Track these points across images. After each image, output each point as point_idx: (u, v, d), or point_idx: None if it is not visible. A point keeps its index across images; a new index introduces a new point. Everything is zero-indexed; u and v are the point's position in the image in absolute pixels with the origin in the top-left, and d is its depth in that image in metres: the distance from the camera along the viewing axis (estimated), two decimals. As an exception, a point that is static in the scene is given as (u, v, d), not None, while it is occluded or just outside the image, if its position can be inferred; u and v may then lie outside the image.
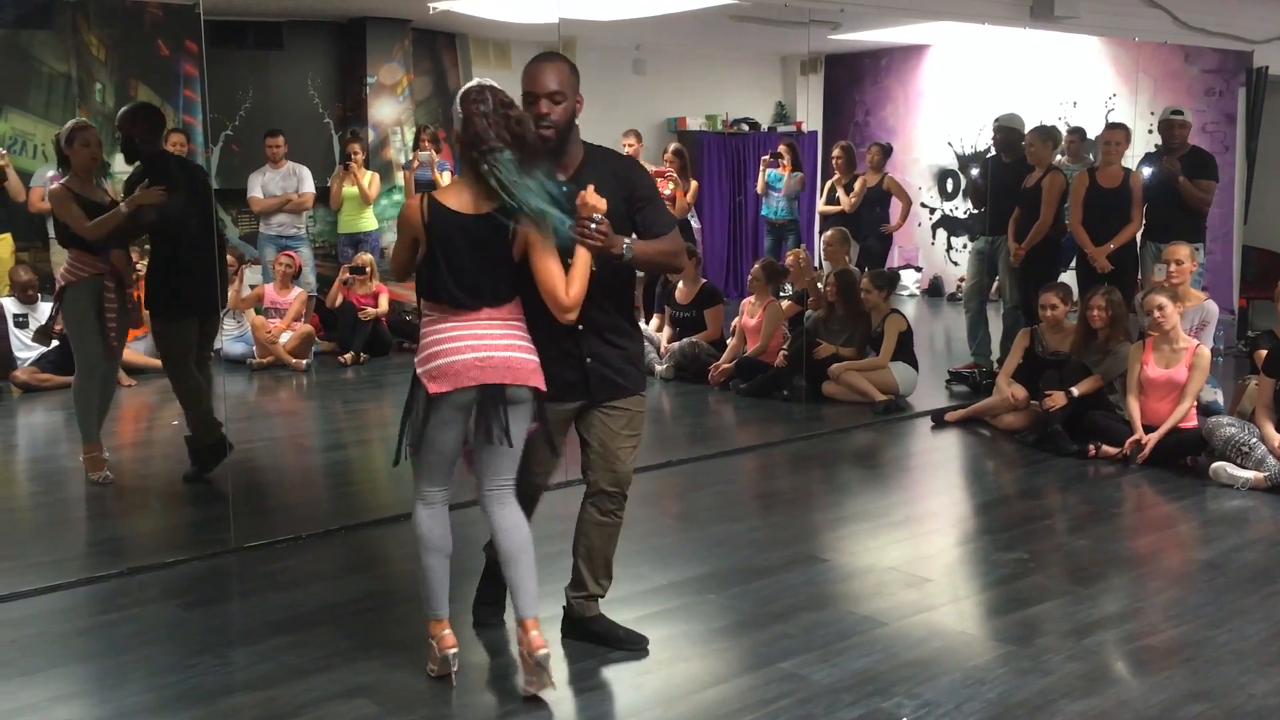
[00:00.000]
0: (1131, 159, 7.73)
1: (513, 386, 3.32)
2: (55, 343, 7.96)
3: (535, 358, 3.38)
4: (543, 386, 3.37)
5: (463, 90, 3.30)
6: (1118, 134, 7.46)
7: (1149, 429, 5.92)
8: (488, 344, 3.30)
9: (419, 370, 3.36)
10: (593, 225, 3.24)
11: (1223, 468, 5.55)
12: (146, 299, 5.56)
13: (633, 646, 3.71)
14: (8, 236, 8.41)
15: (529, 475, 3.57)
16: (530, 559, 3.44)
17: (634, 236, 3.41)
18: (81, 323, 5.40)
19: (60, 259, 8.46)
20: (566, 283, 3.28)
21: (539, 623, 3.39)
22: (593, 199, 3.26)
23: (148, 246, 5.70)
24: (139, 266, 5.86)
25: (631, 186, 3.48)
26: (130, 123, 5.48)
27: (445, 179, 8.81)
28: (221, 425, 5.63)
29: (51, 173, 8.50)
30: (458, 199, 3.32)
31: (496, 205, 3.26)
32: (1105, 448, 6.03)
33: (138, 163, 5.54)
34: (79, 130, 5.48)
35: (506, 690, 3.49)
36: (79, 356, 5.48)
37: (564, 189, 3.29)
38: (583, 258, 3.29)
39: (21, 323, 7.91)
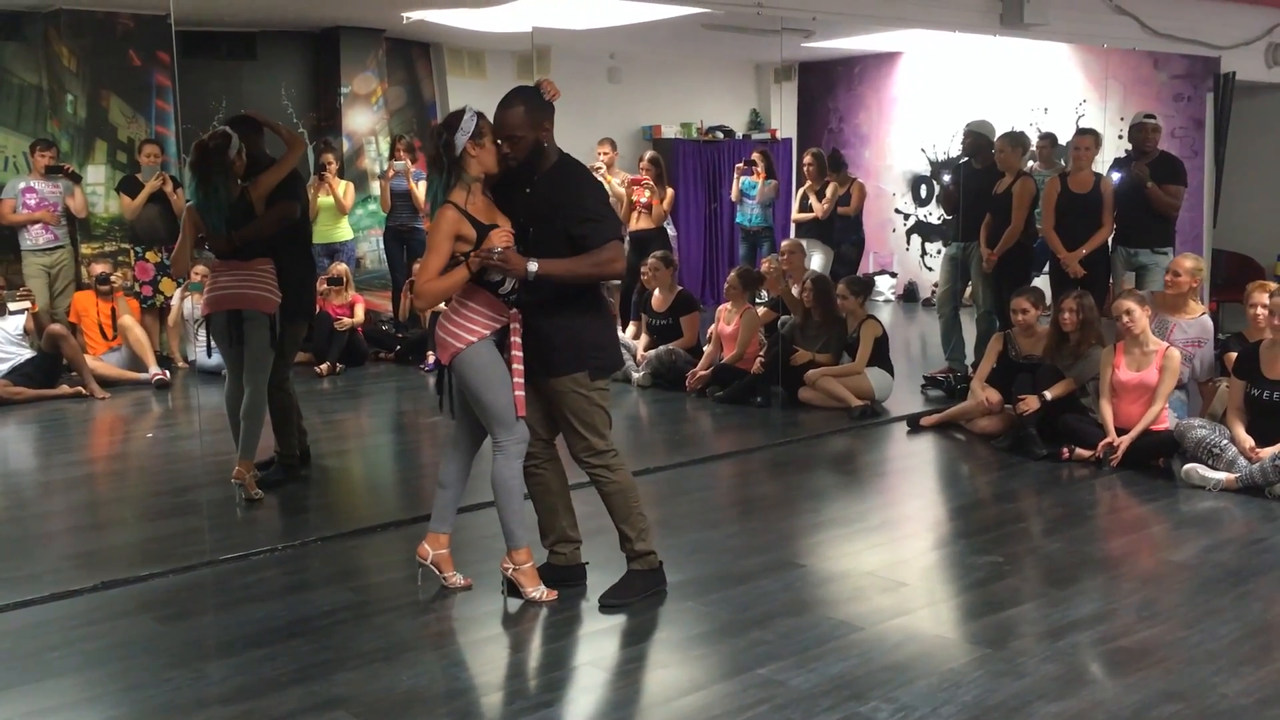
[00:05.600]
0: (1101, 164, 7.80)
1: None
2: (30, 354, 7.91)
3: (450, 335, 3.95)
4: (443, 359, 4.02)
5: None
6: (1087, 139, 7.53)
7: (1121, 431, 5.97)
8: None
9: None
10: (495, 256, 3.81)
11: (1194, 469, 5.60)
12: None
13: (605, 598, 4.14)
14: (-21, 249, 8.36)
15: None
16: (497, 503, 4.10)
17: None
18: (273, 334, 5.35)
19: (33, 268, 8.46)
20: (427, 279, 3.88)
21: (513, 553, 4.13)
22: (495, 238, 3.85)
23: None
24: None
25: (575, 204, 3.92)
26: (245, 131, 5.38)
27: (421, 189, 8.81)
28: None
29: (24, 184, 8.47)
30: None
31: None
32: (1078, 450, 6.08)
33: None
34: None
35: (485, 698, 3.48)
36: (265, 372, 5.35)
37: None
38: (455, 270, 3.88)
39: (-9, 335, 7.84)
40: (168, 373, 8.37)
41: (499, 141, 3.94)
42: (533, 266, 3.82)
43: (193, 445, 6.39)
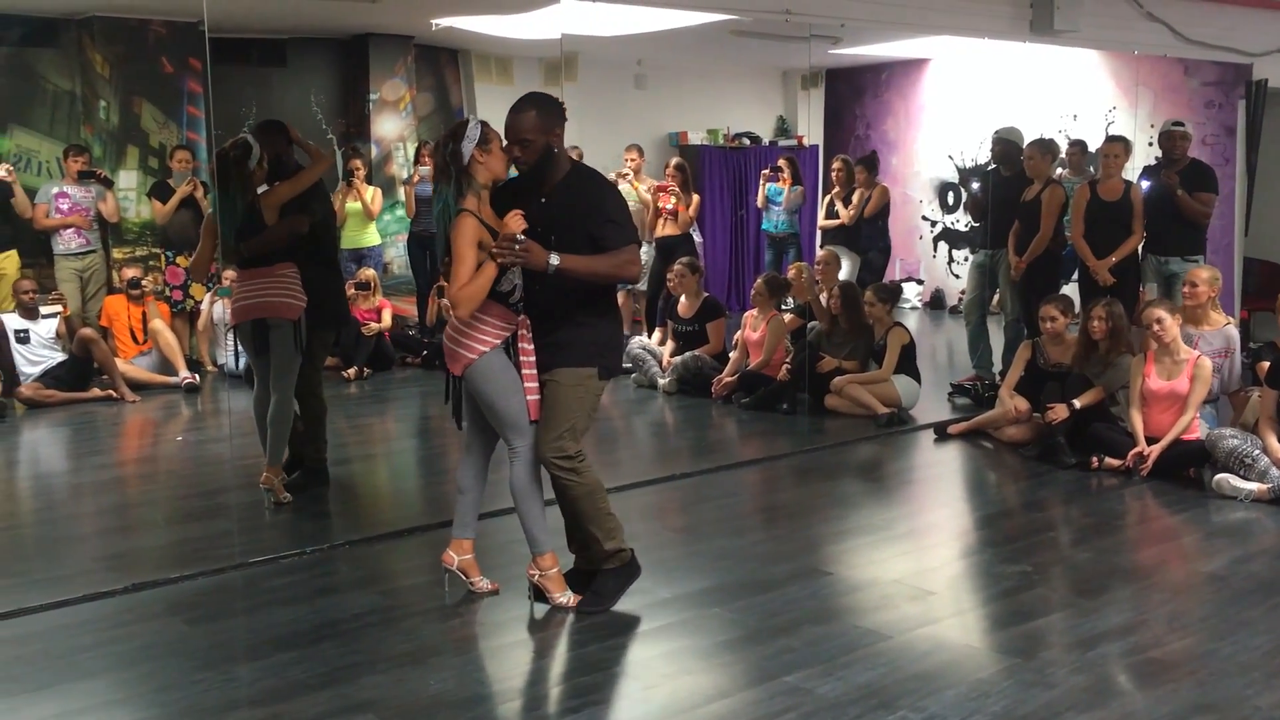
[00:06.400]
0: (1131, 171, 7.75)
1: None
2: (62, 357, 8.00)
3: (461, 346, 3.96)
4: (455, 371, 4.01)
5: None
6: (1117, 146, 7.48)
7: (1151, 441, 5.93)
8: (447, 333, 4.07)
9: None
10: (516, 245, 3.76)
11: (1226, 480, 5.55)
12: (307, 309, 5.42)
13: (583, 605, 4.13)
14: (13, 253, 8.46)
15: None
16: (518, 510, 4.11)
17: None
18: (300, 341, 5.35)
19: (65, 272, 8.57)
20: (462, 283, 3.83)
21: (538, 559, 4.15)
22: (512, 223, 3.81)
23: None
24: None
25: (598, 208, 3.96)
26: (271, 138, 5.40)
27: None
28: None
29: (57, 189, 8.57)
30: None
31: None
32: (1108, 460, 6.04)
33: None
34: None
35: (512, 703, 3.49)
36: (291, 378, 5.37)
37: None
38: (485, 267, 3.85)
39: (23, 338, 7.93)
40: (197, 376, 8.45)
41: (510, 145, 3.95)
42: (554, 260, 3.81)
43: (222, 449, 6.44)
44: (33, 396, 7.74)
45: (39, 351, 7.96)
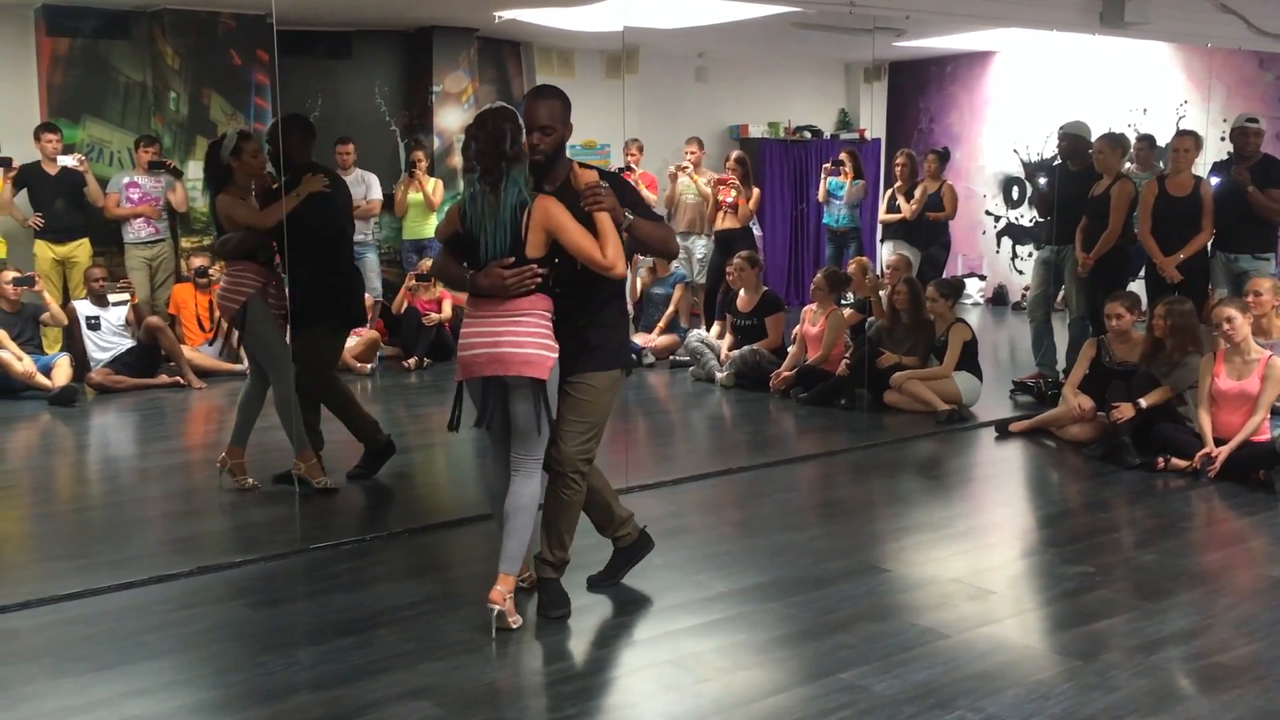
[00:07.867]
0: (1202, 167, 7.59)
1: (508, 376, 3.79)
2: (131, 344, 8.17)
3: (541, 348, 3.75)
4: (541, 375, 3.75)
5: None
6: (1187, 141, 7.33)
7: (1220, 442, 5.81)
8: (485, 337, 3.81)
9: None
10: (602, 191, 3.73)
11: (1297, 483, 5.44)
12: (302, 310, 5.37)
13: (550, 611, 4.01)
14: (86, 241, 8.64)
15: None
16: (518, 524, 3.85)
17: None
18: (271, 335, 5.38)
19: (135, 260, 8.75)
20: (600, 247, 3.72)
21: (507, 579, 3.85)
22: (586, 175, 3.81)
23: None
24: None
25: (621, 194, 3.91)
26: (289, 136, 5.33)
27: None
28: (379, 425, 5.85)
29: (128, 179, 8.74)
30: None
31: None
32: (1174, 460, 5.93)
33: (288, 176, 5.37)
34: (244, 140, 5.34)
35: (568, 693, 3.51)
36: (277, 370, 5.41)
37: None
38: (604, 222, 3.74)
39: (94, 325, 8.12)
40: (261, 364, 8.57)
41: (530, 133, 3.82)
42: (628, 215, 3.84)
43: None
44: (102, 382, 7.92)
45: (109, 338, 8.14)
